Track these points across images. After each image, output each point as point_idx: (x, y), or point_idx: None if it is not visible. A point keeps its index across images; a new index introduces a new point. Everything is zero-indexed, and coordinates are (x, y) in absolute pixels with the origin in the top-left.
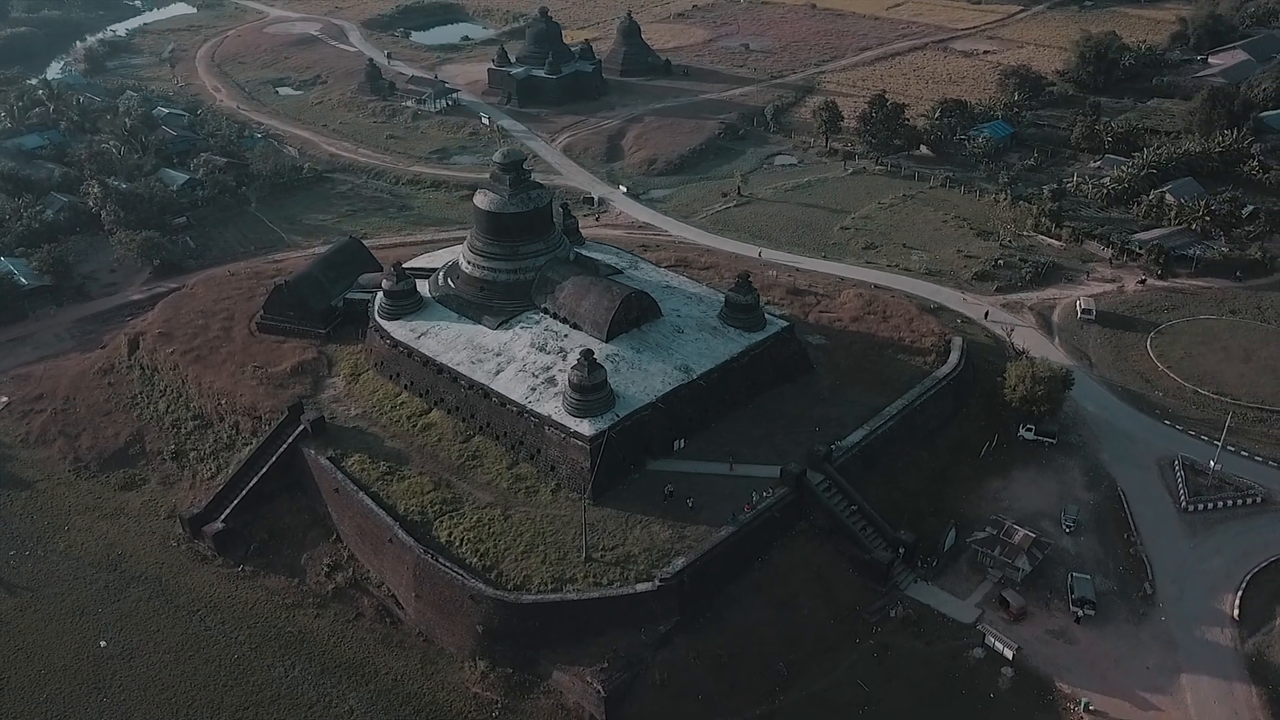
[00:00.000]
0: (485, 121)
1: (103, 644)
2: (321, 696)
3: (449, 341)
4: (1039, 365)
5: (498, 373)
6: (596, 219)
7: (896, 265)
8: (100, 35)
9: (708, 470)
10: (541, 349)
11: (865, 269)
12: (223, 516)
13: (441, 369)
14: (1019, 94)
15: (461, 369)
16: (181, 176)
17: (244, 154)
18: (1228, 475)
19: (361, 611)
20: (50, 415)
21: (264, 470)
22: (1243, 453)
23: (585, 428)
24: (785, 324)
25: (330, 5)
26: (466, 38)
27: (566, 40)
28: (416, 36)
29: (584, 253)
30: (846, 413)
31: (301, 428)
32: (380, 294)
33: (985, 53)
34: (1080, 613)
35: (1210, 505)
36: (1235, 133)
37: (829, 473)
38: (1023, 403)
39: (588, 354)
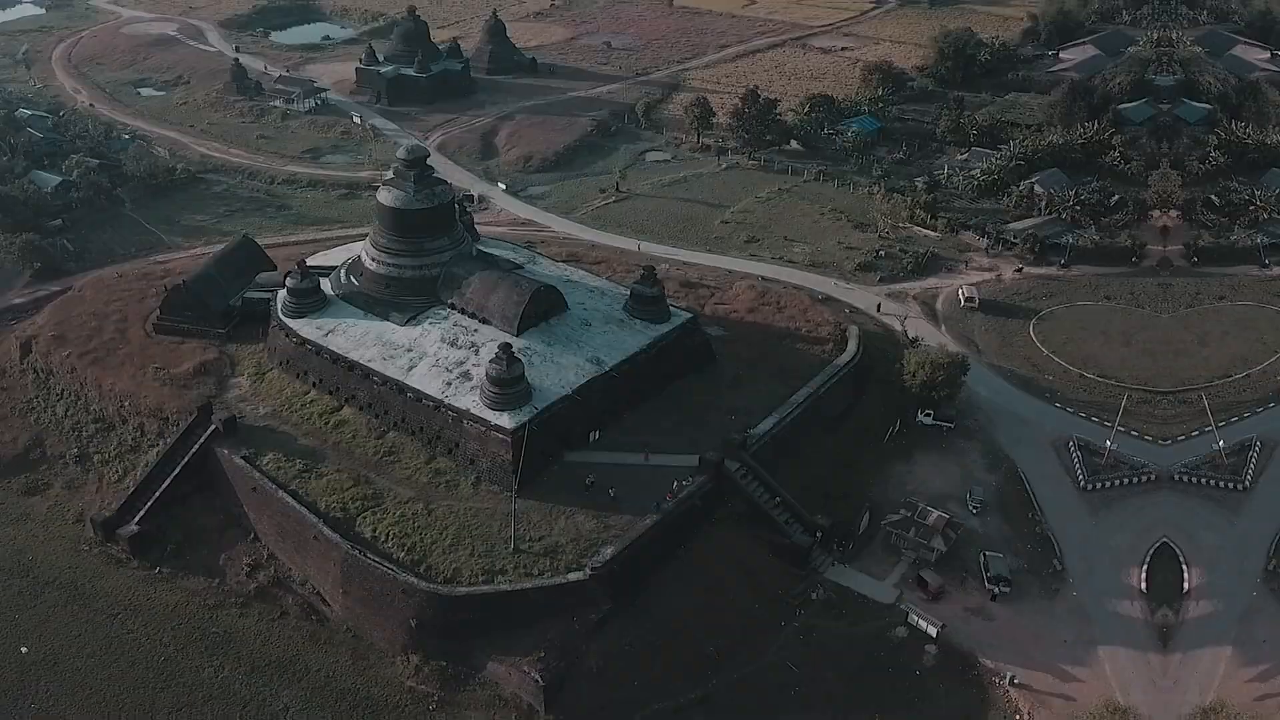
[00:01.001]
0: (357, 120)
1: (23, 650)
2: (254, 695)
3: (357, 339)
4: (937, 352)
5: (410, 368)
6: (474, 216)
7: (780, 258)
8: None
9: (624, 461)
10: (453, 344)
11: (750, 262)
12: (136, 519)
13: (353, 366)
14: (882, 89)
15: (373, 365)
16: (54, 178)
17: (116, 155)
18: (1121, 455)
19: (286, 610)
20: None
21: (176, 471)
22: (1132, 433)
23: (506, 420)
24: (689, 315)
25: (184, 5)
26: (327, 37)
27: (431, 39)
28: (276, 36)
29: (483, 249)
30: (753, 401)
31: (213, 428)
32: (283, 292)
33: (843, 49)
34: (996, 590)
35: (1107, 484)
36: (1096, 125)
37: (745, 460)
38: (923, 388)
39: (506, 348)
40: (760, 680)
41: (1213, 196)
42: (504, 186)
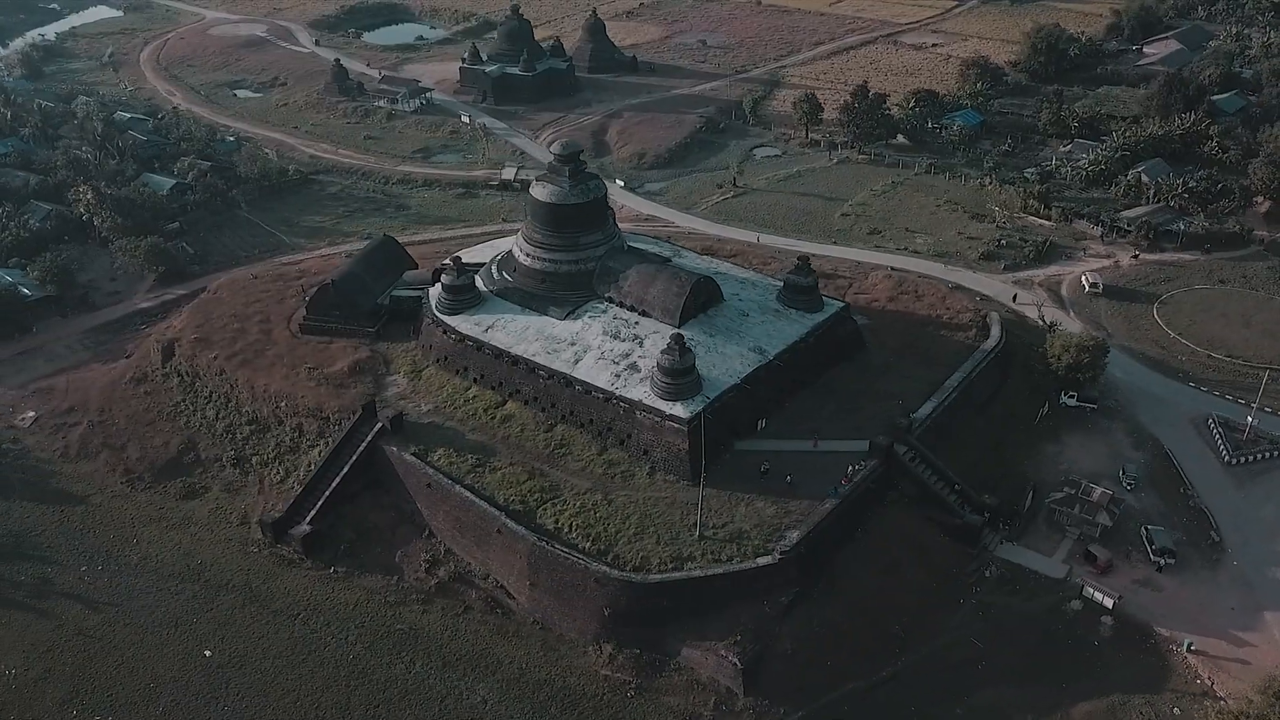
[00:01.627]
0: (465, 120)
1: (207, 654)
2: (449, 690)
3: (518, 333)
4: (1080, 335)
5: (576, 362)
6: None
7: (904, 248)
8: (25, 39)
9: (791, 448)
10: (615, 337)
11: (875, 253)
12: (308, 519)
13: (516, 360)
14: (980, 84)
15: (538, 359)
16: (167, 181)
17: (225, 157)
18: (1261, 431)
19: (469, 605)
20: (87, 428)
21: (345, 470)
22: (1266, 409)
23: (681, 410)
24: (842, 304)
25: (269, 6)
26: (421, 38)
27: (534, 39)
28: (368, 37)
29: (630, 243)
30: (906, 387)
31: (380, 425)
32: (436, 290)
33: (933, 46)
34: (1162, 562)
35: (1251, 458)
36: (1192, 115)
37: (912, 443)
38: (1068, 371)
39: (679, 338)
40: (943, 657)
41: None
42: (622, 184)
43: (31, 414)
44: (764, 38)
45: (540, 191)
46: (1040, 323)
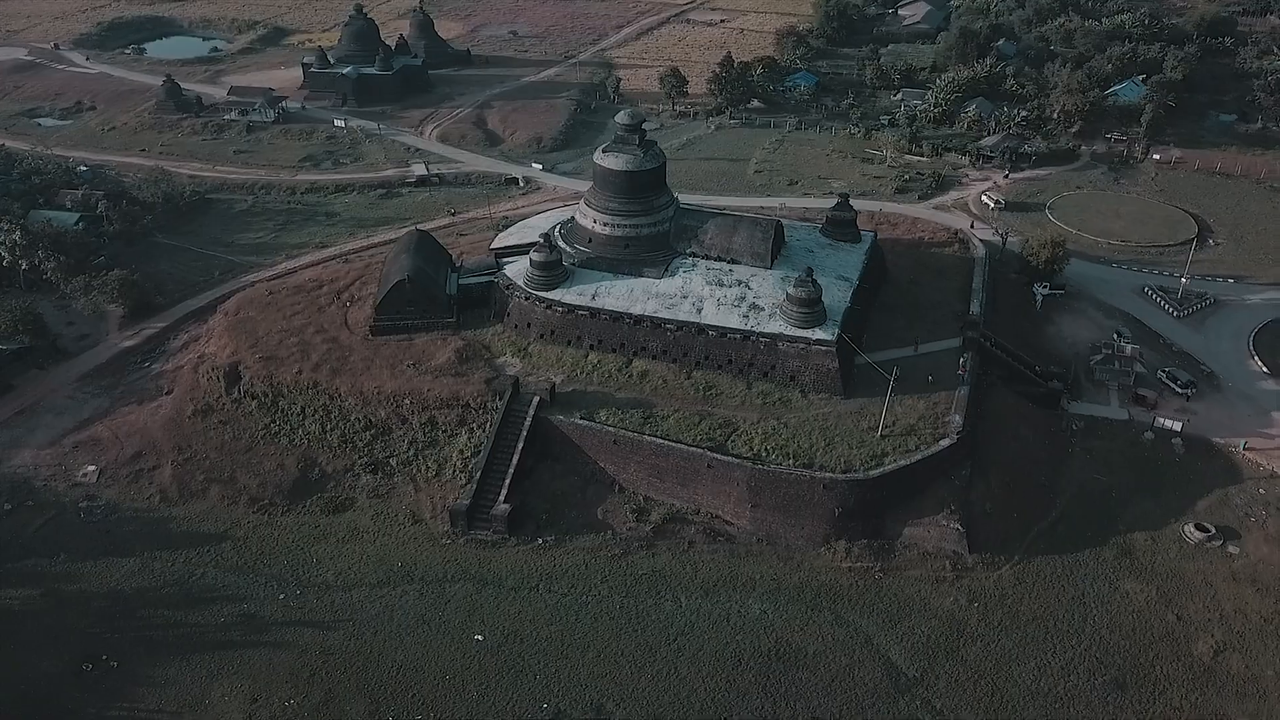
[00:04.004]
0: (340, 124)
1: (478, 638)
2: (727, 612)
3: (627, 296)
4: (1050, 235)
5: (699, 311)
6: (513, 196)
7: (830, 192)
8: None
9: (897, 355)
10: (720, 285)
11: (808, 199)
12: (502, 499)
13: (639, 320)
14: (799, 49)
15: (662, 315)
16: (69, 215)
17: (118, 185)
18: (1189, 290)
19: (690, 540)
20: (175, 468)
21: (520, 446)
22: (1165, 272)
23: (823, 334)
24: (872, 234)
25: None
26: (216, 49)
27: (312, 43)
28: (152, 51)
29: None
30: (943, 296)
31: (537, 399)
32: (518, 270)
33: (722, 21)
34: (1188, 393)
35: (1191, 311)
36: (988, 61)
37: (988, 336)
38: (1046, 265)
39: (809, 271)
40: (1087, 494)
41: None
42: (539, 166)
43: (92, 468)
44: (565, 25)
45: (614, 161)
46: (997, 234)
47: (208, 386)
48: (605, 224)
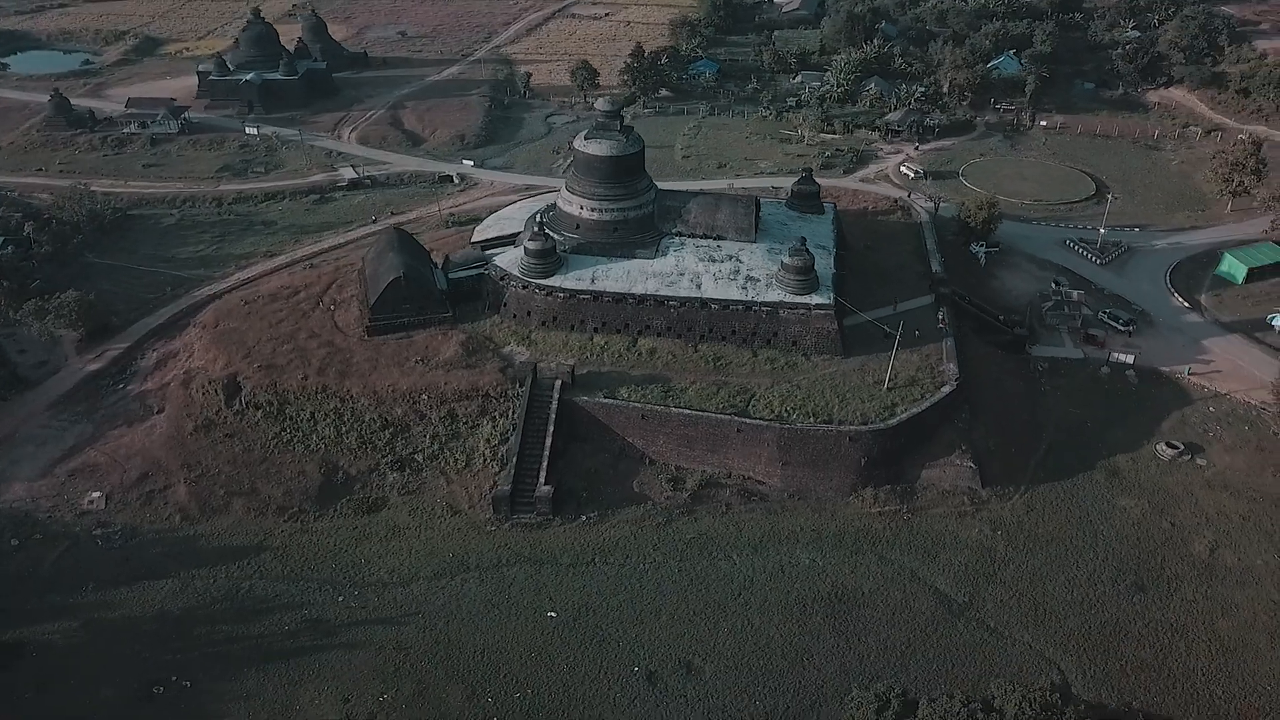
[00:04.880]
0: (252, 132)
1: (551, 615)
2: (781, 563)
3: (625, 277)
4: (983, 197)
5: (698, 287)
6: (451, 194)
7: (760, 171)
8: None
9: (879, 315)
10: (712, 260)
11: (742, 179)
12: (543, 481)
13: (642, 299)
14: (694, 38)
15: (664, 293)
16: None
17: (29, 205)
18: (1107, 239)
19: (727, 502)
20: (188, 487)
21: (551, 429)
22: (1079, 226)
23: (821, 299)
24: (833, 204)
25: None
26: (89, 61)
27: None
28: (15, 67)
29: None
30: (903, 258)
31: (559, 382)
32: (512, 260)
33: (605, 15)
34: (1129, 330)
35: (1111, 258)
36: (875, 42)
37: (955, 291)
38: (984, 225)
39: (802, 241)
40: (1066, 426)
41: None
42: (471, 163)
43: (97, 494)
44: (452, 24)
45: (599, 148)
46: (930, 200)
47: (204, 401)
48: (593, 209)
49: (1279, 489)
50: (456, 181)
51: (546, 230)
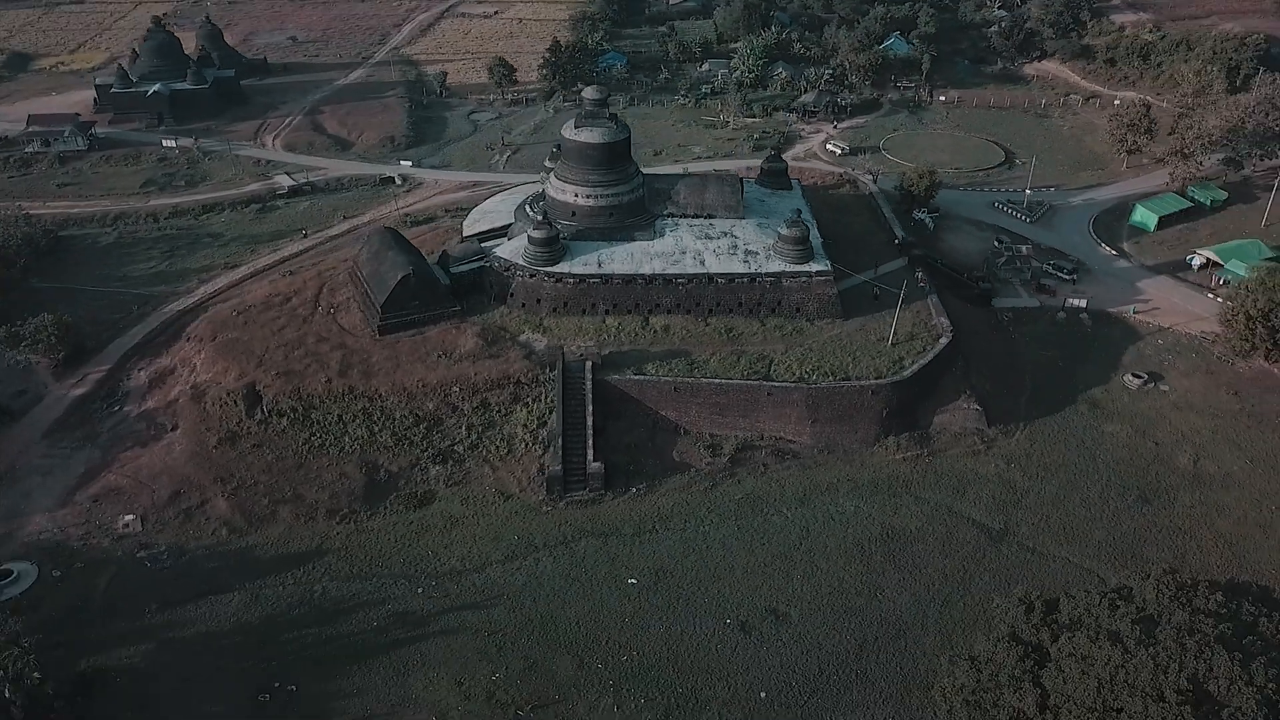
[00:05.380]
0: (170, 144)
1: (631, 581)
2: (827, 513)
3: (630, 260)
4: (923, 166)
5: (703, 264)
6: (398, 195)
7: (697, 157)
8: None
9: (861, 279)
10: (708, 238)
11: (681, 164)
12: (592, 459)
13: (651, 279)
14: (595, 33)
15: (672, 271)
16: None
17: None
18: (1032, 199)
19: (762, 462)
20: (228, 500)
21: (591, 409)
22: (1001, 189)
23: (820, 266)
24: (798, 181)
25: None
26: None
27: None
28: None
29: None
30: (865, 226)
31: (590, 363)
32: (520, 249)
33: (495, 13)
34: (1074, 279)
35: (1038, 216)
36: (775, 29)
37: (924, 252)
38: (926, 192)
39: (797, 213)
40: (1040, 367)
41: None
42: (409, 164)
43: (130, 517)
44: (340, 27)
45: (592, 135)
46: (869, 173)
47: (223, 413)
48: (588, 196)
49: (1235, 406)
50: (400, 183)
51: (547, 219)
